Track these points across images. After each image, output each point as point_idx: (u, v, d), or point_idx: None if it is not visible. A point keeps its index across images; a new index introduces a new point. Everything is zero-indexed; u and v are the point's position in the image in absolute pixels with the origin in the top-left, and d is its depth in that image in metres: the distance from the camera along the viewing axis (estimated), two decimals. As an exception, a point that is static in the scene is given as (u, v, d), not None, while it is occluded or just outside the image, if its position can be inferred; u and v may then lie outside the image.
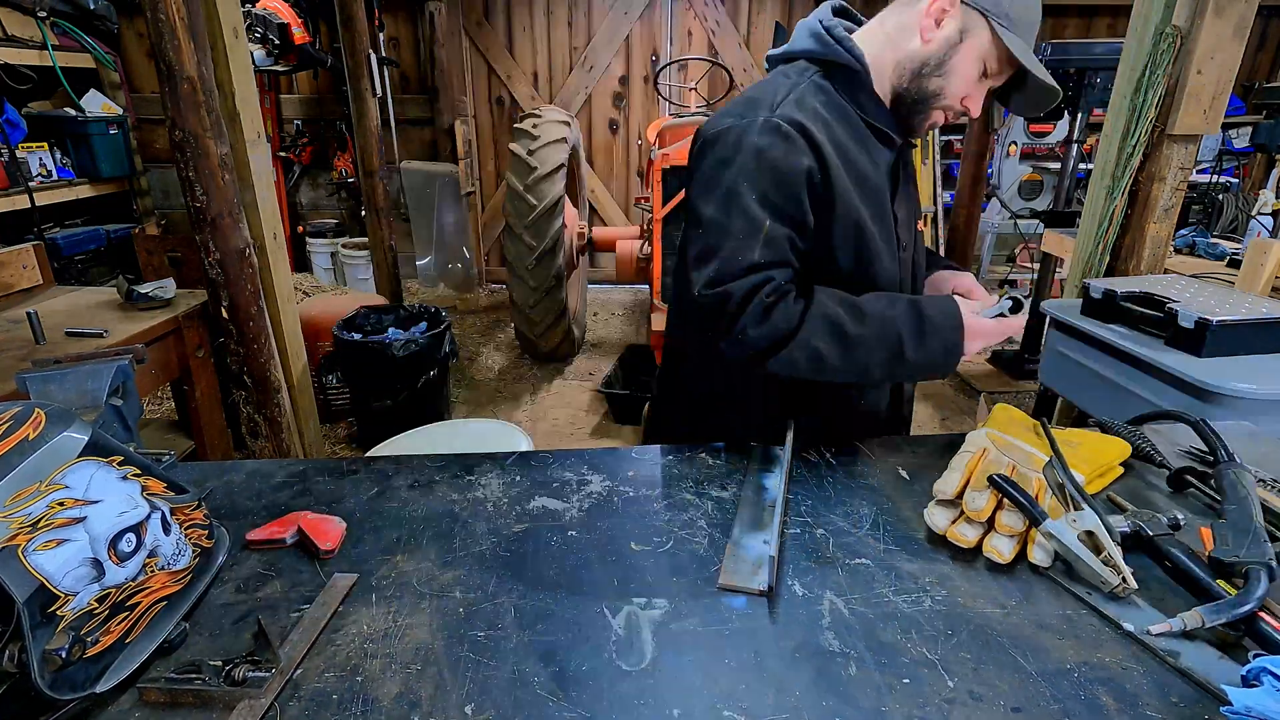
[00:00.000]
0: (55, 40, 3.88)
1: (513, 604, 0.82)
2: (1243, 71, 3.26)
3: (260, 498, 1.04)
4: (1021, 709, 0.69)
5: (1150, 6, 2.08)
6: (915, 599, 0.83)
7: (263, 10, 4.05)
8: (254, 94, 2.26)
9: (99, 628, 0.69)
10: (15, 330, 2.03)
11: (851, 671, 0.73)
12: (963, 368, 4.13)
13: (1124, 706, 0.69)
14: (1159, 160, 2.16)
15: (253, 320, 2.27)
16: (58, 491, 0.68)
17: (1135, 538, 0.90)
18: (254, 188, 2.26)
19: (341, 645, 0.76)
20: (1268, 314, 1.73)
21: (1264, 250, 2.11)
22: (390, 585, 0.86)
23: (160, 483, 0.81)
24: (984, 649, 0.76)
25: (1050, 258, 3.70)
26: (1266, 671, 0.67)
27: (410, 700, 0.69)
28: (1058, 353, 2.16)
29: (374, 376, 3.10)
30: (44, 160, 3.81)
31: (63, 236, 3.91)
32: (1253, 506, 0.90)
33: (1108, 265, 2.34)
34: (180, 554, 0.80)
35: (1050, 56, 3.40)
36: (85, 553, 0.68)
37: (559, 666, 0.73)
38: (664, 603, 0.82)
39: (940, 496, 0.95)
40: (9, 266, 2.32)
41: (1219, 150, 3.89)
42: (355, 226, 5.40)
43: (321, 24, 4.73)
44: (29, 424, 0.70)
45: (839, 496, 1.04)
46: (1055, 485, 0.92)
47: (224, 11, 2.09)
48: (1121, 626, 0.79)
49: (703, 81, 5.13)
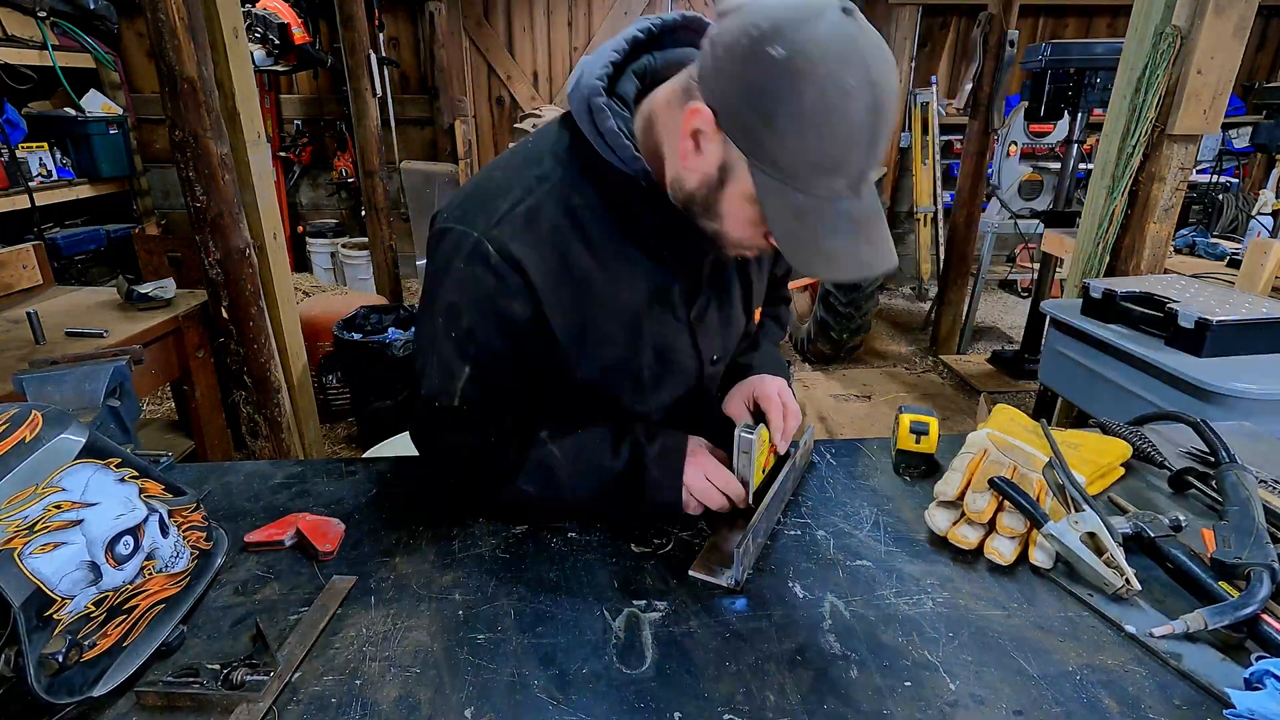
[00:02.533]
0: (55, 40, 3.88)
1: (512, 606, 0.82)
2: (1243, 71, 3.26)
3: (259, 499, 1.04)
4: (1023, 711, 0.68)
5: (1150, 6, 2.08)
6: (916, 601, 0.83)
7: (263, 10, 4.04)
8: (254, 94, 2.26)
9: (96, 631, 0.68)
10: (15, 330, 2.03)
11: (853, 674, 0.73)
12: (962, 368, 4.13)
13: (1126, 709, 0.68)
14: (1159, 160, 2.16)
15: (253, 320, 2.26)
16: (55, 494, 0.68)
17: (1137, 539, 0.90)
18: (254, 188, 2.26)
19: (340, 648, 0.76)
20: (1268, 314, 1.73)
21: (1264, 250, 2.11)
22: (389, 587, 0.85)
23: (158, 485, 0.81)
24: (985, 651, 0.76)
25: (1050, 258, 3.69)
26: (1269, 674, 0.67)
27: (410, 703, 0.69)
28: (1058, 353, 2.15)
29: (374, 376, 3.10)
30: (44, 160, 3.80)
31: (63, 236, 3.90)
32: (1254, 508, 0.90)
33: (1108, 265, 2.34)
34: (178, 556, 0.80)
35: (1050, 56, 3.40)
36: (82, 555, 0.68)
37: (559, 669, 0.73)
38: (664, 605, 0.82)
39: (941, 498, 0.95)
40: (9, 266, 2.32)
41: (1219, 150, 3.88)
42: (355, 226, 5.39)
43: (321, 24, 4.72)
44: (26, 426, 0.70)
45: (839, 498, 1.04)
46: (1056, 487, 0.91)
47: (224, 11, 2.08)
48: (1123, 629, 0.78)
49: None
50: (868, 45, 0.69)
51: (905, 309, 5.59)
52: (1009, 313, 5.45)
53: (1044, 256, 3.78)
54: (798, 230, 0.74)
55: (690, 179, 0.80)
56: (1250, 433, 1.24)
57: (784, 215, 0.74)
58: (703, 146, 0.77)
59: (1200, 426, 1.10)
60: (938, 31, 5.51)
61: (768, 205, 0.74)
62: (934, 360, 4.41)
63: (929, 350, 4.59)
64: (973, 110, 4.12)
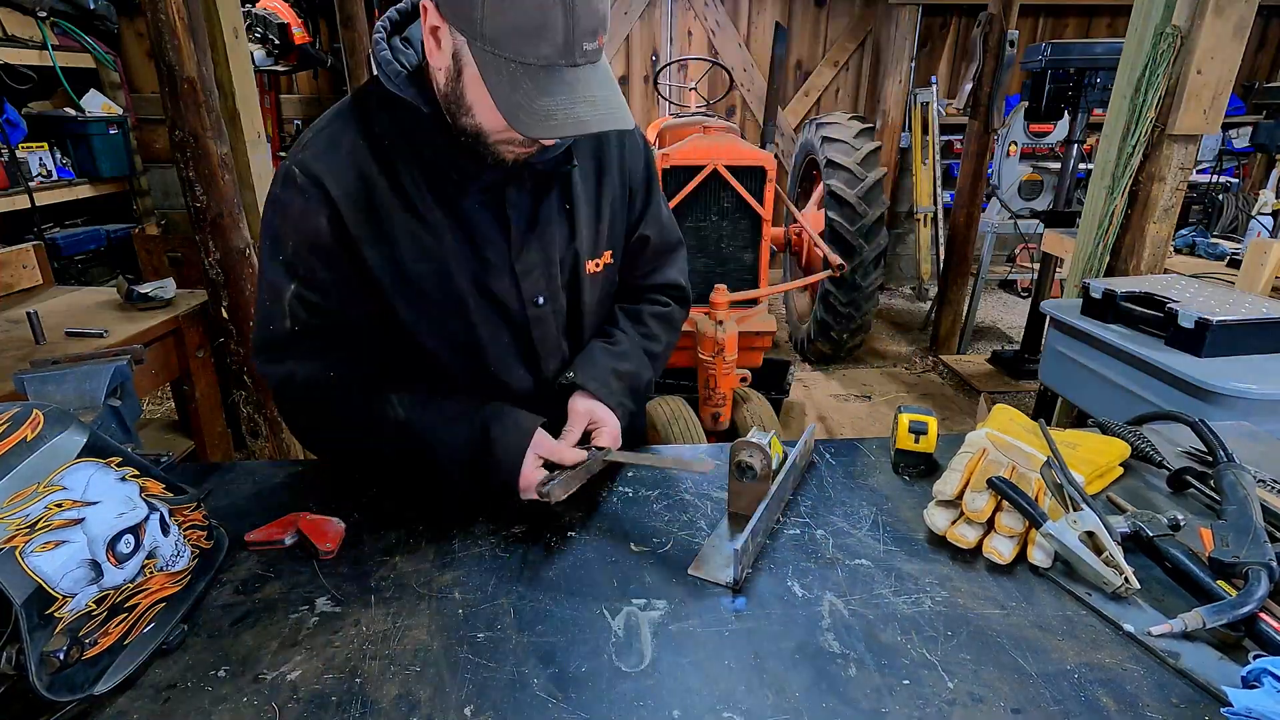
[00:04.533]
0: (55, 40, 3.88)
1: (512, 605, 0.82)
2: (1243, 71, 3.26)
3: (259, 499, 1.04)
4: (1021, 710, 0.68)
5: (1150, 6, 2.08)
6: (915, 600, 0.83)
7: (263, 10, 4.04)
8: (254, 94, 2.26)
9: (97, 629, 0.69)
10: (15, 330, 2.03)
11: (851, 673, 0.73)
12: (962, 368, 4.13)
13: (1124, 708, 0.69)
14: (1159, 160, 2.16)
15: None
16: (56, 493, 0.68)
17: (1135, 538, 0.90)
18: (254, 188, 2.26)
19: (340, 646, 0.76)
20: (1268, 314, 1.73)
21: (1264, 250, 2.11)
22: (389, 586, 0.85)
23: (159, 484, 0.81)
24: (984, 650, 0.76)
25: (1050, 258, 3.70)
26: (1267, 673, 0.67)
27: (409, 702, 0.69)
28: (1058, 353, 2.15)
29: (374, 376, 3.10)
30: (44, 160, 3.80)
31: (63, 236, 3.90)
32: (1252, 507, 0.90)
33: (1108, 265, 2.34)
34: (179, 555, 0.80)
35: (1050, 56, 3.40)
36: (83, 554, 0.68)
37: (558, 668, 0.73)
38: (663, 604, 0.82)
39: (940, 497, 0.95)
40: (9, 266, 2.32)
41: (1219, 150, 3.89)
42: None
43: (321, 24, 4.72)
44: (27, 425, 0.70)
45: (839, 497, 1.04)
46: (1054, 486, 0.91)
47: (224, 11, 2.09)
48: (1122, 627, 0.79)
49: (703, 81, 5.13)
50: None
51: (905, 309, 5.59)
52: (1009, 313, 5.45)
53: (1044, 256, 3.78)
54: (514, 96, 0.79)
55: (440, 77, 0.87)
56: (1249, 433, 1.24)
57: (502, 85, 0.79)
58: (440, 41, 0.84)
59: (1199, 426, 1.10)
60: (938, 31, 5.51)
61: (488, 78, 0.80)
62: (934, 360, 4.41)
63: (929, 350, 4.60)
64: (973, 110, 4.12)
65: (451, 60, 0.84)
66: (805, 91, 5.59)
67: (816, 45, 5.54)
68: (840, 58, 5.53)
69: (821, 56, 5.55)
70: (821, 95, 5.61)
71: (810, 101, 5.61)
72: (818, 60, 5.56)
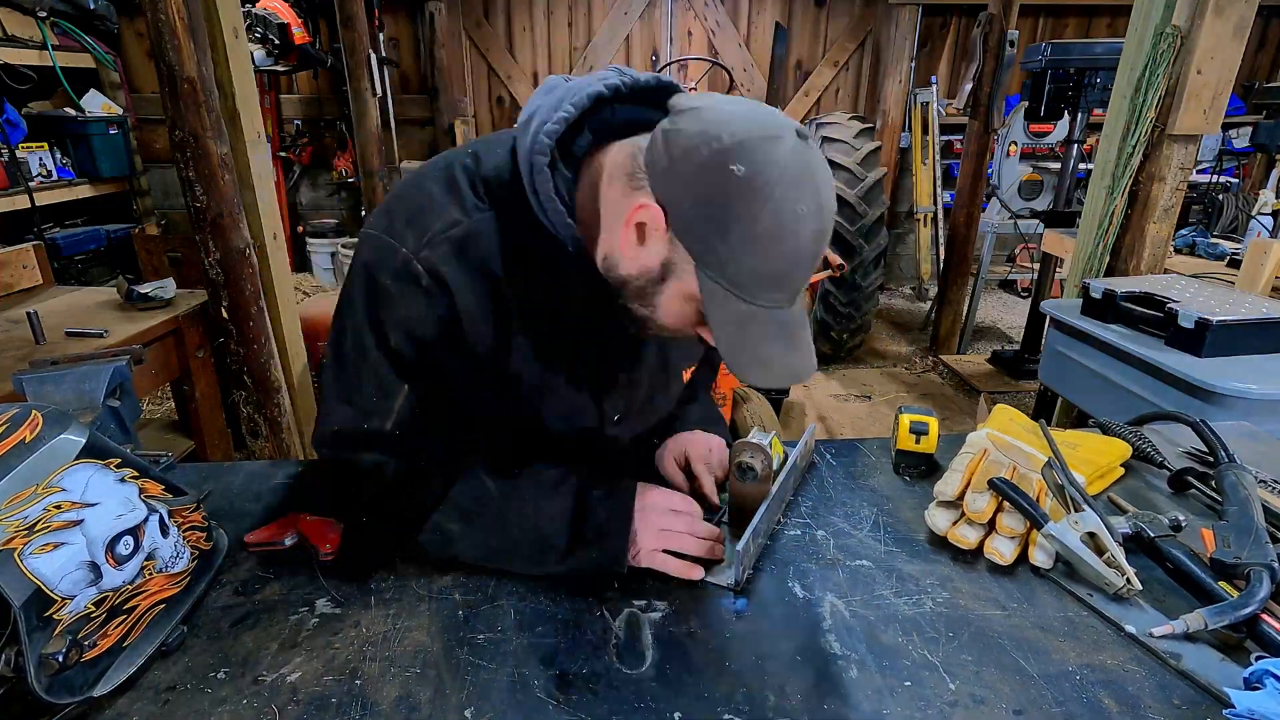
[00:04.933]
0: (55, 40, 3.88)
1: (512, 606, 0.82)
2: (1243, 71, 3.26)
3: (259, 499, 1.04)
4: (1023, 711, 0.68)
5: (1150, 6, 2.08)
6: (916, 601, 0.83)
7: (263, 10, 4.04)
8: (254, 94, 2.25)
9: (96, 631, 0.68)
10: (15, 330, 2.03)
11: (853, 674, 0.73)
12: (962, 368, 4.13)
13: (1126, 709, 0.69)
14: (1159, 160, 2.16)
15: (253, 320, 2.26)
16: (55, 494, 0.68)
17: (1136, 539, 0.90)
18: (254, 188, 2.26)
19: (340, 648, 0.76)
20: (1268, 314, 1.73)
21: (1264, 250, 2.11)
22: (389, 587, 0.85)
23: (158, 485, 0.81)
24: (985, 651, 0.76)
25: (1050, 258, 3.69)
26: (1269, 674, 0.67)
27: (410, 704, 0.69)
28: (1058, 353, 2.15)
29: (374, 377, 3.09)
30: (44, 160, 3.80)
31: (63, 236, 3.90)
32: (1254, 507, 0.90)
33: (1108, 265, 2.34)
34: (178, 556, 0.80)
35: (1050, 56, 3.40)
36: (82, 556, 0.68)
37: (559, 669, 0.73)
38: (664, 605, 0.82)
39: (941, 498, 0.95)
40: (9, 266, 2.32)
41: (1219, 150, 3.88)
42: (355, 226, 5.39)
43: (321, 24, 4.72)
44: (26, 426, 0.70)
45: (839, 497, 1.04)
46: (1055, 487, 0.91)
47: (224, 11, 2.08)
48: (1123, 628, 0.78)
49: (703, 81, 5.13)
50: (820, 172, 0.72)
51: (905, 309, 5.59)
52: (1009, 313, 5.45)
53: (1044, 256, 3.78)
54: (739, 337, 0.75)
55: (628, 266, 0.79)
56: (1250, 433, 1.24)
57: (727, 321, 0.75)
58: (647, 241, 0.76)
59: (1199, 426, 1.10)
60: (938, 31, 5.51)
61: (712, 310, 0.75)
62: (934, 360, 4.41)
63: (929, 350, 4.59)
64: (973, 110, 4.12)
65: (659, 267, 0.77)
66: (805, 91, 5.59)
67: (816, 45, 5.54)
68: (840, 58, 5.53)
69: (821, 56, 5.55)
70: (821, 95, 5.61)
71: (810, 101, 5.61)
72: (818, 60, 5.56)
